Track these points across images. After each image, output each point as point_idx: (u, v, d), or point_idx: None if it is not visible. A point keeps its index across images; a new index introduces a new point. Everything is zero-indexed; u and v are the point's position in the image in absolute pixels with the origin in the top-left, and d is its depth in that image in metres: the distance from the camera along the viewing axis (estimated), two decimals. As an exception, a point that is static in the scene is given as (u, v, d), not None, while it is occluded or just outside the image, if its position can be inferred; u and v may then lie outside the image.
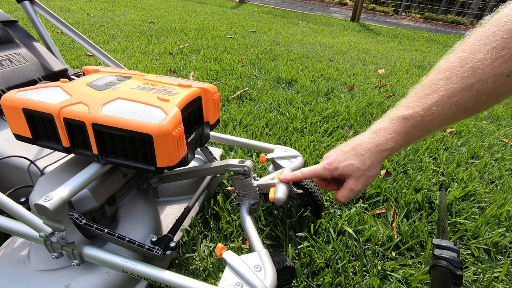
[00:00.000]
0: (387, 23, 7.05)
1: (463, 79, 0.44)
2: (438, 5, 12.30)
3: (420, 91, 0.51)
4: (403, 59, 3.40)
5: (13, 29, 1.08)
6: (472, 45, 0.44)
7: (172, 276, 0.60)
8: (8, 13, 3.48)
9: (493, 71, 0.42)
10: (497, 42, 0.41)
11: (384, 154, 0.54)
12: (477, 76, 0.43)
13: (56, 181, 0.68)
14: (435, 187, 1.26)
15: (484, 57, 0.42)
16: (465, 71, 0.44)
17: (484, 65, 0.42)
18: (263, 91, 2.07)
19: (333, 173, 0.58)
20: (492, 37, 0.42)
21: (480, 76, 0.43)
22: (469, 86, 0.44)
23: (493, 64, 0.41)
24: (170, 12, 4.88)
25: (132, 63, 2.38)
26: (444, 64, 0.48)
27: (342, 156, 0.58)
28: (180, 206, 0.97)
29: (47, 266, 0.69)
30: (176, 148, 0.61)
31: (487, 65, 0.42)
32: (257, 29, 4.22)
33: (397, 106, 0.54)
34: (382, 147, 0.54)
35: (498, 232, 1.02)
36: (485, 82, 0.43)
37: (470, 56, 0.44)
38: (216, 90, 0.78)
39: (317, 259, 0.87)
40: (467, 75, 0.44)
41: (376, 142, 0.54)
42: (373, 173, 0.56)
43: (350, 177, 0.57)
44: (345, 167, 0.56)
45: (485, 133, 1.78)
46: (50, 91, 0.67)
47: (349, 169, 0.56)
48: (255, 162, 1.30)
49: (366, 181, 0.56)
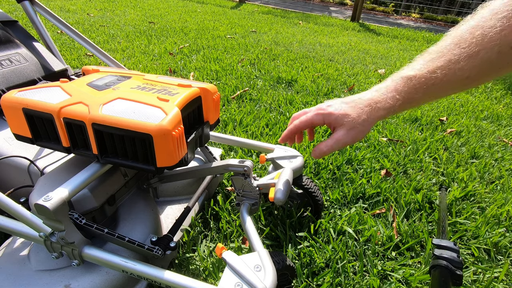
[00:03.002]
0: (387, 23, 7.05)
1: (471, 45, 0.44)
2: (438, 5, 12.30)
3: (427, 55, 0.51)
4: (403, 59, 3.40)
5: (13, 29, 1.08)
6: (484, 15, 0.45)
7: (172, 276, 0.60)
8: (8, 13, 3.48)
9: (500, 39, 0.42)
10: (509, 11, 0.41)
11: (380, 113, 0.53)
12: (484, 43, 0.43)
13: (56, 181, 0.68)
14: (435, 187, 1.26)
15: (494, 24, 0.42)
16: (474, 37, 0.44)
17: (493, 33, 0.42)
18: (263, 91, 2.07)
19: (326, 120, 0.56)
20: (504, 7, 0.42)
21: (487, 43, 0.43)
22: (475, 53, 0.44)
23: (501, 33, 0.42)
24: (170, 12, 4.88)
25: (132, 63, 2.38)
26: (454, 31, 0.48)
27: (338, 105, 0.56)
28: (180, 206, 0.97)
29: (47, 266, 0.69)
30: (176, 148, 0.61)
31: (495, 33, 0.42)
32: (257, 29, 4.22)
33: (400, 70, 0.54)
34: (380, 105, 0.53)
35: (498, 232, 1.02)
36: (491, 50, 0.43)
37: (481, 24, 0.44)
38: (216, 90, 0.78)
39: (317, 259, 0.87)
40: (475, 42, 0.44)
41: (376, 99, 0.53)
42: (364, 129, 0.54)
43: (341, 127, 0.54)
44: (340, 115, 0.54)
45: (485, 133, 1.78)
46: (50, 91, 0.67)
47: (343, 117, 0.54)
48: (255, 162, 1.30)
49: (356, 135, 0.54)
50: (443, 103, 2.19)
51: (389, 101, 0.52)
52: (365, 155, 1.41)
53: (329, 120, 0.56)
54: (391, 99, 0.52)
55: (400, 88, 0.52)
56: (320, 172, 1.26)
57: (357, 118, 0.53)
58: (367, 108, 0.53)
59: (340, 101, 0.57)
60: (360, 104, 0.54)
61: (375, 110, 0.53)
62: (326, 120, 0.56)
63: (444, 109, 2.08)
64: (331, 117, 0.55)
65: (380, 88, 0.54)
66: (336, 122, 0.55)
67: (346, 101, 0.56)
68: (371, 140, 1.57)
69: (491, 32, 0.42)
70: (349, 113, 0.54)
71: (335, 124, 0.55)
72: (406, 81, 0.51)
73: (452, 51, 0.47)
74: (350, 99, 0.56)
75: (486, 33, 0.43)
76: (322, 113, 0.56)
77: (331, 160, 1.33)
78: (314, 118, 0.58)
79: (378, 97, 0.53)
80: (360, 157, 1.38)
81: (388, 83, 0.54)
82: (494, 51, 0.43)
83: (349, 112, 0.54)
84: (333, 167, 1.29)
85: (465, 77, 0.46)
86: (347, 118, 0.54)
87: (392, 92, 0.52)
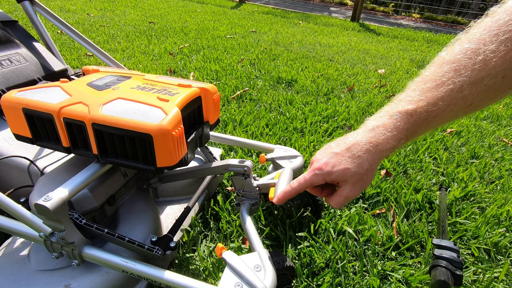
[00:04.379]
0: (387, 23, 7.05)
1: (473, 72, 0.41)
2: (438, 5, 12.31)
3: (422, 84, 0.46)
4: (403, 59, 3.40)
5: (13, 29, 1.08)
6: (481, 36, 0.41)
7: (172, 276, 0.60)
8: (8, 13, 3.48)
9: (504, 64, 0.39)
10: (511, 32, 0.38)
11: (384, 154, 0.48)
12: (488, 69, 0.40)
13: (56, 181, 0.68)
14: (435, 187, 1.26)
15: (497, 48, 0.39)
16: (475, 63, 0.41)
17: (497, 57, 0.39)
18: (263, 91, 2.07)
19: (327, 179, 0.52)
20: (504, 27, 0.39)
21: (491, 69, 0.40)
22: (479, 80, 0.41)
23: (506, 57, 0.38)
24: (170, 12, 4.88)
25: (132, 63, 2.38)
26: (448, 56, 0.44)
27: (335, 159, 0.50)
28: (180, 206, 0.97)
29: (47, 266, 0.69)
30: (176, 148, 0.61)
31: (500, 57, 0.39)
32: (257, 29, 4.22)
33: (395, 101, 0.49)
34: (382, 147, 0.47)
35: (498, 232, 1.02)
36: (495, 76, 0.40)
37: (481, 48, 0.40)
38: (216, 90, 0.78)
39: (317, 259, 0.87)
40: (477, 68, 0.40)
41: (375, 141, 0.48)
42: (370, 177, 0.50)
43: (346, 183, 0.50)
44: (340, 172, 0.49)
45: (485, 133, 1.78)
46: (50, 91, 0.67)
47: (345, 174, 0.49)
48: (255, 162, 1.30)
49: (363, 186, 0.51)
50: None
51: (390, 141, 0.47)
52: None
53: (331, 179, 0.51)
54: (392, 139, 0.47)
55: (400, 125, 0.46)
56: (320, 172, 1.26)
57: (359, 170, 0.49)
58: (367, 155, 0.48)
59: (333, 152, 0.51)
60: (358, 152, 0.49)
61: (376, 154, 0.48)
62: (327, 179, 0.52)
63: (444, 109, 2.08)
64: (331, 176, 0.50)
65: (377, 127, 0.48)
66: (338, 179, 0.51)
67: (340, 150, 0.51)
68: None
69: (495, 58, 0.39)
70: (349, 167, 0.49)
71: (337, 181, 0.51)
72: (407, 117, 0.46)
73: (453, 79, 0.42)
74: (344, 146, 0.50)
75: (489, 59, 0.39)
76: (321, 173, 0.51)
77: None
78: (313, 179, 0.53)
79: (377, 139, 0.48)
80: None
81: (385, 120, 0.48)
82: (499, 76, 0.40)
83: (349, 166, 0.49)
84: (333, 167, 1.28)
85: (468, 104, 0.43)
86: (349, 172, 0.49)
87: (392, 131, 0.47)
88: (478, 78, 0.41)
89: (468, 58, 0.41)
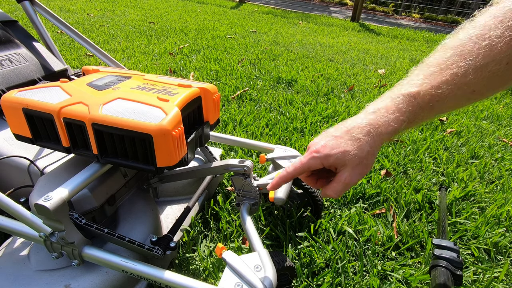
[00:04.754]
0: (387, 23, 7.05)
1: (479, 57, 0.40)
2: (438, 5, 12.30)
3: (426, 68, 0.45)
4: (403, 59, 3.40)
5: (13, 29, 1.08)
6: (486, 22, 0.40)
7: (172, 276, 0.60)
8: (8, 13, 3.48)
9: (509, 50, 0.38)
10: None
11: (385, 137, 0.46)
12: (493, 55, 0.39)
13: (56, 181, 0.68)
14: (435, 187, 1.26)
15: (502, 33, 0.38)
16: (480, 48, 0.40)
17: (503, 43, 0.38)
18: (263, 91, 2.07)
19: (324, 163, 0.48)
20: (509, 13, 0.38)
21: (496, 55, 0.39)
22: (484, 65, 0.40)
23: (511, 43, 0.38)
24: (170, 12, 4.88)
25: (132, 63, 2.38)
26: (452, 42, 0.44)
27: (334, 142, 0.48)
28: (180, 206, 0.97)
29: (47, 266, 0.69)
30: (176, 148, 0.61)
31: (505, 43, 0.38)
32: (257, 29, 4.22)
33: (397, 86, 0.47)
34: (383, 130, 0.45)
35: (498, 232, 1.02)
36: (500, 63, 0.39)
37: (487, 33, 0.40)
38: (216, 90, 0.78)
39: (317, 259, 0.87)
40: (483, 53, 0.40)
41: (376, 123, 0.46)
42: (370, 161, 0.47)
43: (345, 167, 0.47)
44: (340, 154, 0.46)
45: (485, 133, 1.78)
46: (50, 91, 0.67)
47: (344, 157, 0.46)
48: (255, 162, 1.30)
49: (363, 171, 0.47)
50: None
51: (392, 123, 0.45)
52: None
53: (329, 163, 0.48)
54: (394, 121, 0.45)
55: (403, 108, 0.45)
56: (320, 172, 1.26)
57: (360, 153, 0.46)
58: (367, 138, 0.46)
59: (332, 135, 0.49)
60: (358, 134, 0.47)
61: (377, 137, 0.46)
62: (325, 163, 0.49)
63: (444, 109, 2.08)
64: (329, 159, 0.48)
65: (378, 109, 0.47)
66: (336, 163, 0.48)
67: (339, 133, 0.48)
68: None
69: (500, 43, 0.39)
70: (348, 150, 0.46)
71: (335, 165, 0.48)
72: (410, 99, 0.45)
73: (458, 64, 0.42)
74: (343, 129, 0.48)
75: (494, 44, 0.39)
76: (319, 156, 0.49)
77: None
78: (310, 162, 0.50)
79: (378, 121, 0.46)
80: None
81: (387, 103, 0.46)
82: (503, 62, 0.39)
83: (349, 148, 0.46)
84: (333, 167, 1.29)
85: (471, 91, 0.42)
86: (348, 155, 0.46)
87: (394, 114, 0.45)
88: (483, 64, 0.40)
89: (474, 43, 0.41)
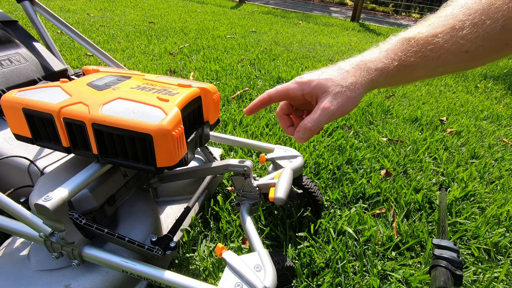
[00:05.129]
0: (387, 23, 7.05)
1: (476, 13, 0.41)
2: (438, 5, 12.32)
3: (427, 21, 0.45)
4: (403, 59, 3.39)
5: (13, 29, 1.08)
6: None
7: (172, 276, 0.60)
8: (8, 13, 3.48)
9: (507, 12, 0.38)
10: None
11: (373, 75, 0.45)
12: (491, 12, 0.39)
13: (56, 181, 0.68)
14: (435, 187, 1.26)
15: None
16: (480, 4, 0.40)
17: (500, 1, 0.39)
18: (263, 91, 2.07)
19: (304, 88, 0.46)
20: None
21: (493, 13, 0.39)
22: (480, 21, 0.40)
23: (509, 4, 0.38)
24: (170, 12, 4.88)
25: (132, 63, 2.39)
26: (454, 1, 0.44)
27: (319, 72, 0.47)
28: (180, 206, 0.97)
29: (47, 266, 0.69)
30: (176, 148, 0.61)
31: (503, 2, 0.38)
32: (257, 29, 4.22)
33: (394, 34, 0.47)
34: (372, 65, 0.44)
35: (498, 232, 1.02)
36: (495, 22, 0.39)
37: None
38: (216, 90, 0.78)
39: (317, 259, 0.87)
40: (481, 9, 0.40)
41: (365, 59, 0.45)
42: (354, 95, 0.44)
43: (325, 94, 0.44)
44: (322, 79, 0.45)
45: (485, 133, 1.78)
46: (50, 91, 0.67)
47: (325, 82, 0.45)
48: (255, 162, 1.30)
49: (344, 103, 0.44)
50: (443, 103, 2.19)
51: (383, 59, 0.44)
52: (365, 155, 1.41)
53: (309, 89, 0.46)
54: (385, 57, 0.45)
55: (396, 47, 0.44)
56: (320, 172, 1.26)
57: (342, 82, 0.44)
58: (355, 70, 0.45)
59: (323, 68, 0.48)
60: (346, 67, 0.45)
61: (365, 71, 0.45)
62: (305, 89, 0.46)
63: (444, 109, 2.08)
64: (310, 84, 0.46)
65: (371, 49, 0.47)
66: (317, 90, 0.45)
67: (329, 67, 0.48)
68: (371, 140, 1.57)
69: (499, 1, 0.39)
70: (332, 77, 0.45)
71: (316, 92, 0.46)
72: (403, 41, 0.44)
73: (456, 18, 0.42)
74: (335, 65, 0.47)
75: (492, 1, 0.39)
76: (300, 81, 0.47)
77: (331, 160, 1.33)
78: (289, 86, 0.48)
79: (368, 57, 0.45)
80: (360, 157, 1.38)
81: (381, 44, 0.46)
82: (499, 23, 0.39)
83: (333, 76, 0.45)
84: (333, 167, 1.29)
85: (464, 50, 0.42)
86: (331, 82, 0.45)
87: (386, 51, 0.45)
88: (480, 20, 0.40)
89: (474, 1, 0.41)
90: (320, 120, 0.44)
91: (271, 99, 0.50)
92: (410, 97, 2.23)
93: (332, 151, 1.42)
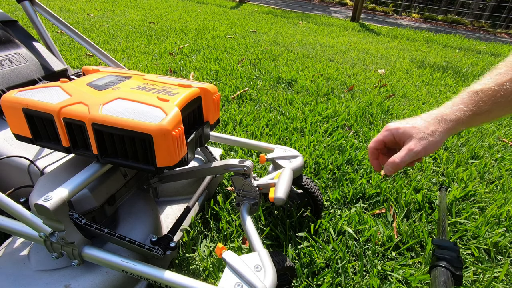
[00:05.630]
0: (387, 23, 7.05)
1: None
2: (438, 5, 12.31)
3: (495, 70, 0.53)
4: (403, 59, 3.40)
5: (13, 29, 1.08)
6: None
7: (172, 276, 0.60)
8: (8, 13, 3.48)
9: None
10: None
11: (450, 125, 0.54)
12: None
13: (56, 181, 0.68)
14: (435, 187, 1.26)
15: None
16: None
17: None
18: (263, 91, 2.07)
19: (394, 134, 0.58)
20: None
21: None
22: None
23: None
24: (170, 12, 4.88)
25: (132, 63, 2.38)
26: None
27: (405, 121, 0.58)
28: (180, 206, 0.97)
29: (47, 266, 0.69)
30: (176, 148, 0.61)
31: None
32: (257, 29, 4.22)
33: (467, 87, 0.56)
34: (448, 117, 0.54)
35: (498, 232, 1.02)
36: None
37: None
38: (216, 90, 0.78)
39: (317, 259, 0.87)
40: None
41: (442, 112, 0.55)
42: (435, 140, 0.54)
43: (411, 138, 0.55)
44: (408, 127, 0.56)
45: (485, 133, 1.78)
46: (50, 91, 0.67)
47: (411, 129, 0.56)
48: (255, 162, 1.30)
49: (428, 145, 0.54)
50: (443, 103, 2.19)
51: (456, 113, 0.54)
52: (365, 155, 1.41)
53: (398, 134, 0.58)
54: (458, 111, 0.54)
55: (466, 101, 0.54)
56: (320, 172, 1.26)
57: (425, 129, 0.55)
58: (434, 121, 0.55)
59: (407, 119, 0.59)
60: (427, 119, 0.56)
61: (443, 122, 0.55)
62: (395, 134, 0.58)
63: (444, 109, 2.08)
64: (399, 131, 0.57)
65: (446, 104, 0.57)
66: (404, 135, 0.56)
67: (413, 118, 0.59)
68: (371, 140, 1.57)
69: None
70: (416, 126, 0.56)
71: (404, 137, 0.57)
72: (473, 94, 0.53)
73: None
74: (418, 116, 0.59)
75: None
76: (390, 129, 0.59)
77: (331, 160, 1.33)
78: (383, 134, 0.60)
79: (444, 111, 0.55)
80: (360, 157, 1.38)
81: (454, 99, 0.56)
82: None
83: (417, 124, 0.56)
84: (333, 167, 1.29)
85: None
86: (415, 129, 0.55)
87: (458, 105, 0.54)
88: None
89: None
90: (406, 159, 0.55)
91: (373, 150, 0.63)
92: (410, 97, 2.23)
93: (332, 151, 1.42)
